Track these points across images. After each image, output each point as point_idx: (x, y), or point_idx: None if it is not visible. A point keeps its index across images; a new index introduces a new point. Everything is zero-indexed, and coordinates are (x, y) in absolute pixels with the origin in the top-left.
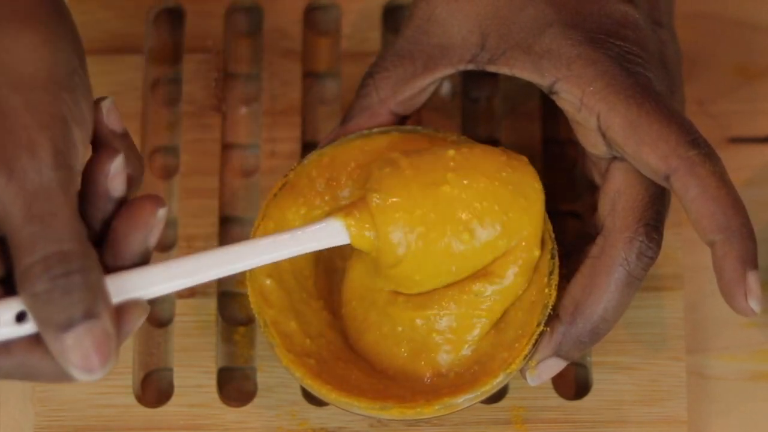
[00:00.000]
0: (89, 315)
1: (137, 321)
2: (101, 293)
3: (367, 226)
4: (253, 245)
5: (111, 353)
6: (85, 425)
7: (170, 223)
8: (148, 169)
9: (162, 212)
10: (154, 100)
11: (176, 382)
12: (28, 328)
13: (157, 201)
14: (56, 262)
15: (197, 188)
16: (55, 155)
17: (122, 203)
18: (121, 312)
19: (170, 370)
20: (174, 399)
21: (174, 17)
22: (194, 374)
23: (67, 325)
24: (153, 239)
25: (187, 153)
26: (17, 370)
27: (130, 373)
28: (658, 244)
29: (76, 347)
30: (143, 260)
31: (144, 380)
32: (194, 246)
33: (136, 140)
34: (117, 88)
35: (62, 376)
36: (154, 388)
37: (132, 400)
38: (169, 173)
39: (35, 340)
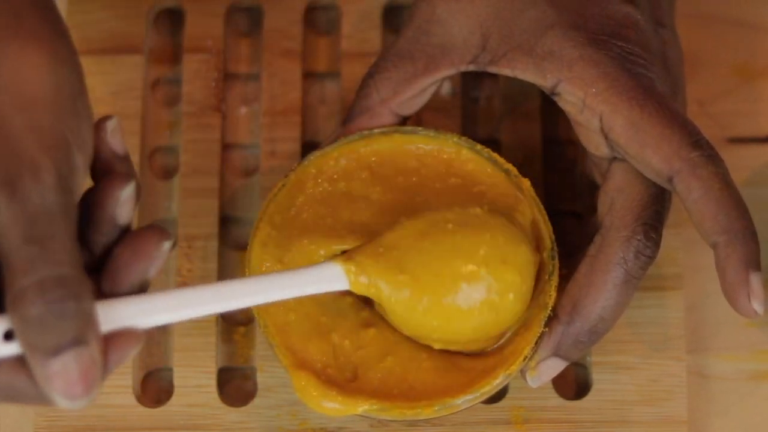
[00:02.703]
0: (78, 342)
1: (129, 350)
2: (92, 321)
3: (363, 272)
4: (251, 284)
5: (96, 381)
6: (85, 425)
7: (170, 223)
8: (148, 169)
9: (167, 245)
10: (154, 100)
11: (176, 382)
12: (14, 347)
13: (163, 234)
14: (52, 286)
15: (197, 188)
16: (59, 179)
17: (126, 230)
18: (112, 340)
19: (170, 370)
20: (174, 399)
21: (174, 17)
22: (194, 374)
23: (55, 351)
24: (153, 271)
25: (187, 153)
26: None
27: (130, 373)
28: (657, 244)
29: (62, 373)
30: (141, 289)
31: (144, 380)
32: (194, 246)
33: (136, 140)
34: (117, 88)
35: (44, 400)
36: (154, 388)
37: (132, 400)
38: (169, 173)
39: (20, 361)
